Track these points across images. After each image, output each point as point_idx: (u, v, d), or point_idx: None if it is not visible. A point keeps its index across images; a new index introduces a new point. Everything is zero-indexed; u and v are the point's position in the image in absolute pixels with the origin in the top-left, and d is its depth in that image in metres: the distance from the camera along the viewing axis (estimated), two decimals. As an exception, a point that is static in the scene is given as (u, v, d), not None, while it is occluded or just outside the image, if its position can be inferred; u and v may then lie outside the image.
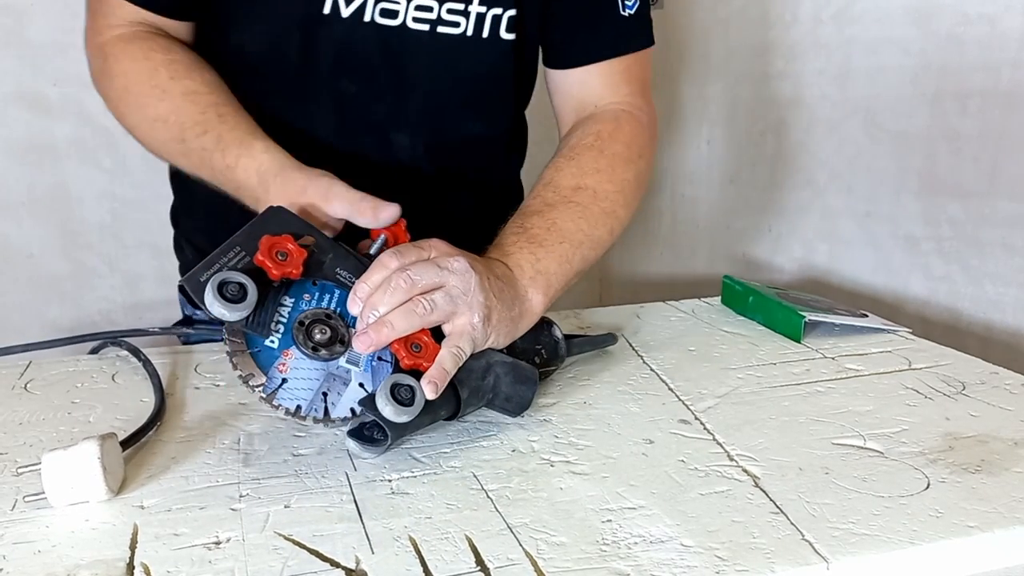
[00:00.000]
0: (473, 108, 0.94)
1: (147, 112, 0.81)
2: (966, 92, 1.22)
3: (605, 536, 0.52)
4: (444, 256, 0.66)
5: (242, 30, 0.86)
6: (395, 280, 0.63)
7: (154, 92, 0.80)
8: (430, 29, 0.86)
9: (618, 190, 0.84)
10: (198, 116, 0.78)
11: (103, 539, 0.52)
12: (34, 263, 1.36)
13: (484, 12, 0.87)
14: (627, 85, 0.92)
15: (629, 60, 0.93)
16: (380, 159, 0.91)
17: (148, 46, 0.83)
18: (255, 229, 0.64)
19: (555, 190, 0.81)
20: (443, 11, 0.85)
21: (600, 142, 0.86)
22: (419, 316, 0.62)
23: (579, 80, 0.93)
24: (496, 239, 0.76)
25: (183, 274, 0.79)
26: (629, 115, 0.91)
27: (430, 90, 0.90)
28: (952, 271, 1.27)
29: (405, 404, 0.60)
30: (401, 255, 0.65)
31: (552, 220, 0.77)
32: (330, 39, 0.85)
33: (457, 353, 0.64)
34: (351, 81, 0.87)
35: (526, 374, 0.68)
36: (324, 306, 0.65)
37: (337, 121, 0.89)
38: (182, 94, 0.80)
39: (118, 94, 0.84)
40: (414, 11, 0.85)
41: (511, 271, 0.71)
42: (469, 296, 0.65)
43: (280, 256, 0.62)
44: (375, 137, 0.90)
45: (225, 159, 0.76)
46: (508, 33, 0.89)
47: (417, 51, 0.87)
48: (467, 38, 0.87)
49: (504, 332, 0.68)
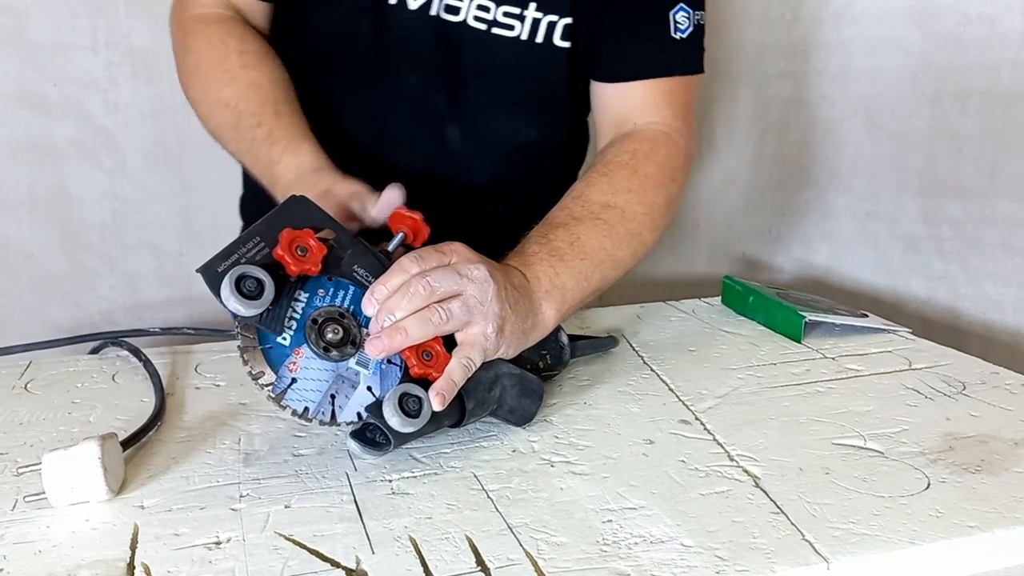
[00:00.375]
0: (525, 111, 0.95)
1: (212, 93, 0.87)
2: (966, 92, 1.22)
3: (605, 536, 0.52)
4: (465, 263, 0.65)
5: (317, 14, 0.91)
6: (414, 286, 0.62)
7: (222, 76, 0.86)
8: (487, 29, 0.89)
9: (647, 212, 0.83)
10: (256, 108, 0.83)
11: (103, 539, 0.52)
12: (34, 263, 1.36)
13: (539, 18, 0.88)
14: (668, 107, 0.91)
15: (673, 83, 0.92)
16: (435, 152, 0.94)
17: (226, 31, 0.89)
18: (276, 219, 0.63)
19: (584, 204, 0.80)
20: (499, 13, 0.88)
21: (635, 161, 0.85)
22: (434, 325, 0.62)
23: (621, 95, 0.92)
24: (518, 246, 0.76)
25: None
26: (667, 137, 0.90)
27: (483, 88, 0.92)
28: (952, 271, 1.27)
29: (412, 416, 0.59)
30: (422, 260, 0.64)
31: (576, 235, 0.77)
32: (396, 29, 0.89)
33: (467, 364, 0.63)
34: (412, 72, 0.91)
35: (532, 387, 0.68)
36: (338, 303, 0.64)
37: (399, 109, 0.93)
38: (247, 84, 0.85)
39: (190, 69, 0.90)
40: (475, 10, 0.88)
41: (528, 282, 0.71)
42: (485, 306, 0.64)
43: (300, 251, 0.61)
44: (432, 128, 0.93)
45: (271, 152, 0.81)
46: (563, 41, 0.90)
47: (474, 48, 0.89)
48: (521, 42, 0.89)
49: (515, 344, 0.68)
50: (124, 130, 1.35)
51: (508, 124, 0.95)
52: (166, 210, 1.40)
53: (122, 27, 1.31)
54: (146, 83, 1.34)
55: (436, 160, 0.94)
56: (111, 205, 1.37)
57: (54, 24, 1.28)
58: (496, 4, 0.88)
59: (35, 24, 1.27)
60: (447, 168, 0.95)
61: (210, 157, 1.39)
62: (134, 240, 1.39)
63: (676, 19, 0.90)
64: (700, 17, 0.92)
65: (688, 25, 0.91)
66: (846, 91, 1.41)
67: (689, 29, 0.91)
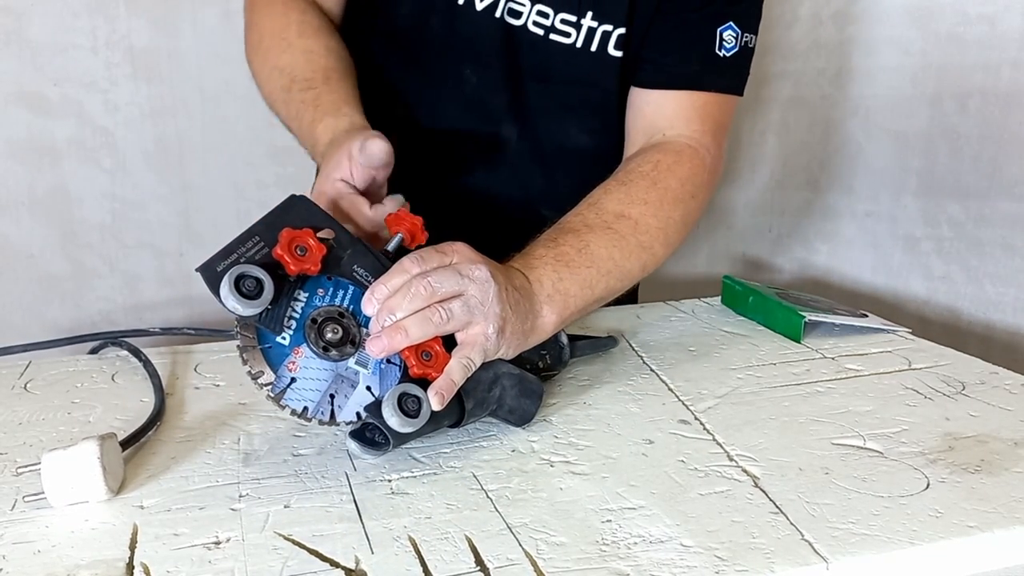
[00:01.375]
0: (578, 118, 0.96)
1: (270, 60, 0.89)
2: (966, 92, 1.22)
3: (605, 536, 0.52)
4: (466, 263, 0.65)
5: (391, 8, 0.95)
6: (415, 286, 0.62)
7: (281, 44, 0.89)
8: (544, 35, 0.90)
9: (661, 227, 0.82)
10: (309, 73, 0.86)
11: (103, 539, 0.52)
12: (34, 263, 1.36)
13: (595, 27, 0.89)
14: (700, 122, 0.90)
15: (708, 98, 0.91)
16: (490, 151, 0.96)
17: (291, 5, 0.92)
18: (276, 219, 0.62)
19: (598, 212, 0.80)
20: (557, 20, 0.90)
21: (656, 172, 0.84)
22: (435, 325, 0.62)
23: (655, 102, 0.91)
24: (526, 247, 0.75)
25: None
26: (693, 152, 0.88)
27: (540, 92, 0.94)
28: (952, 271, 1.27)
29: (411, 416, 0.59)
30: (423, 261, 0.64)
31: (586, 242, 0.76)
32: (463, 28, 0.91)
33: (467, 364, 0.63)
34: (473, 71, 0.93)
35: (532, 388, 0.68)
36: (337, 303, 0.64)
37: (459, 106, 0.95)
38: (303, 51, 0.88)
39: (253, 44, 0.93)
40: (535, 15, 0.90)
41: (530, 284, 0.70)
42: (487, 307, 0.64)
43: (299, 251, 0.61)
44: (489, 127, 0.96)
45: (314, 115, 0.82)
46: (616, 50, 0.90)
47: (532, 52, 0.91)
48: (576, 49, 0.90)
49: (515, 345, 0.68)
50: (124, 130, 1.35)
51: (561, 129, 0.96)
52: (166, 210, 1.40)
53: (122, 27, 1.31)
54: (146, 83, 1.34)
55: (490, 160, 0.97)
56: (111, 205, 1.37)
57: (54, 24, 1.28)
58: (555, 11, 0.89)
59: (35, 24, 1.28)
60: (501, 169, 0.97)
61: (210, 157, 1.40)
62: (134, 240, 1.39)
63: (723, 36, 0.89)
64: (749, 40, 0.91)
65: (735, 45, 0.90)
66: (846, 91, 1.41)
67: (735, 49, 0.90)
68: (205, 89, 1.37)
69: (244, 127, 1.39)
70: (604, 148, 0.97)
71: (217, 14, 1.34)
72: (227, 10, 1.34)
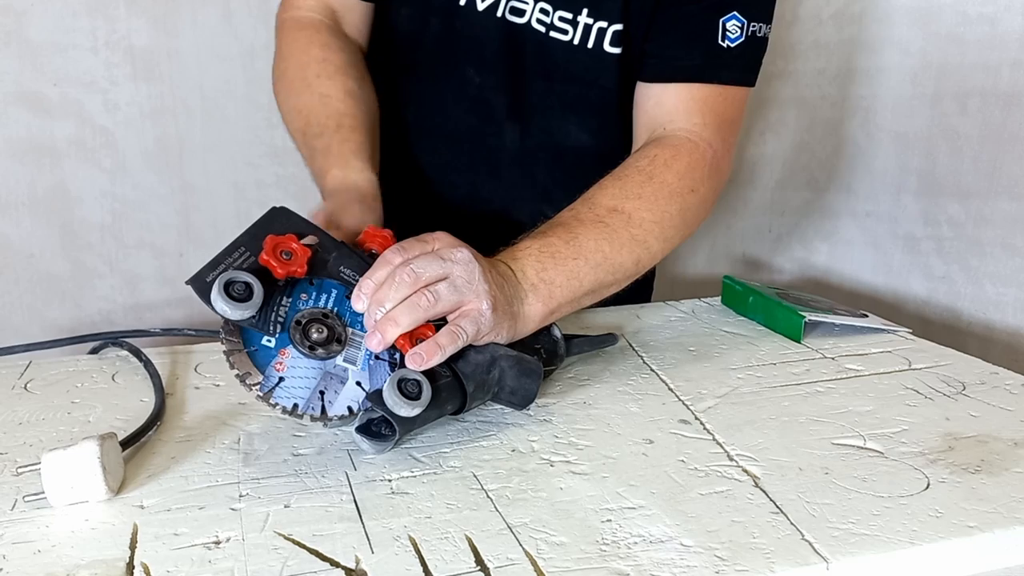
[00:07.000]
0: (578, 115, 0.96)
1: (290, 100, 0.91)
2: (966, 92, 1.22)
3: (605, 536, 0.52)
4: (448, 247, 0.66)
5: (394, 11, 0.96)
6: (399, 275, 0.63)
7: (300, 84, 0.90)
8: (545, 32, 0.91)
9: (656, 221, 0.80)
10: (323, 119, 0.87)
11: (103, 539, 0.52)
12: (34, 263, 1.36)
13: (591, 24, 0.90)
14: (701, 115, 0.88)
15: (710, 91, 0.88)
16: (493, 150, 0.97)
17: (313, 39, 0.92)
18: (259, 229, 0.64)
19: (591, 207, 0.79)
20: (555, 18, 0.90)
21: (652, 167, 0.83)
22: (423, 309, 0.62)
23: (655, 96, 0.90)
24: (513, 242, 0.75)
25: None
26: (693, 146, 0.86)
27: (543, 90, 0.94)
28: (952, 271, 1.27)
29: (412, 398, 0.60)
30: (404, 250, 0.65)
31: (575, 235, 0.76)
32: (464, 28, 0.92)
33: (456, 332, 0.63)
34: (476, 71, 0.94)
35: (530, 367, 0.68)
36: (321, 305, 0.65)
37: (462, 106, 0.97)
38: (319, 95, 0.88)
39: (278, 72, 0.94)
40: (538, 13, 0.91)
41: (513, 273, 0.71)
42: (475, 284, 0.64)
43: (284, 255, 0.62)
44: (492, 126, 0.96)
45: (324, 163, 0.84)
46: (612, 47, 0.90)
47: (535, 50, 0.92)
48: (574, 46, 0.91)
49: (506, 327, 0.68)
50: (124, 130, 1.35)
51: (562, 128, 0.97)
52: (166, 210, 1.40)
53: (122, 27, 1.31)
54: (146, 83, 1.34)
55: (494, 158, 0.98)
56: (111, 205, 1.37)
57: (54, 24, 1.28)
58: (553, 9, 0.90)
59: (35, 24, 1.27)
60: (502, 168, 0.98)
61: (210, 157, 1.39)
62: (134, 240, 1.39)
63: (726, 26, 0.87)
64: (757, 29, 0.88)
65: (739, 35, 0.87)
66: (846, 91, 1.41)
67: (740, 39, 0.87)
68: (205, 89, 1.37)
69: (244, 127, 1.39)
70: (604, 147, 0.97)
71: (217, 14, 1.34)
72: (227, 10, 1.34)
